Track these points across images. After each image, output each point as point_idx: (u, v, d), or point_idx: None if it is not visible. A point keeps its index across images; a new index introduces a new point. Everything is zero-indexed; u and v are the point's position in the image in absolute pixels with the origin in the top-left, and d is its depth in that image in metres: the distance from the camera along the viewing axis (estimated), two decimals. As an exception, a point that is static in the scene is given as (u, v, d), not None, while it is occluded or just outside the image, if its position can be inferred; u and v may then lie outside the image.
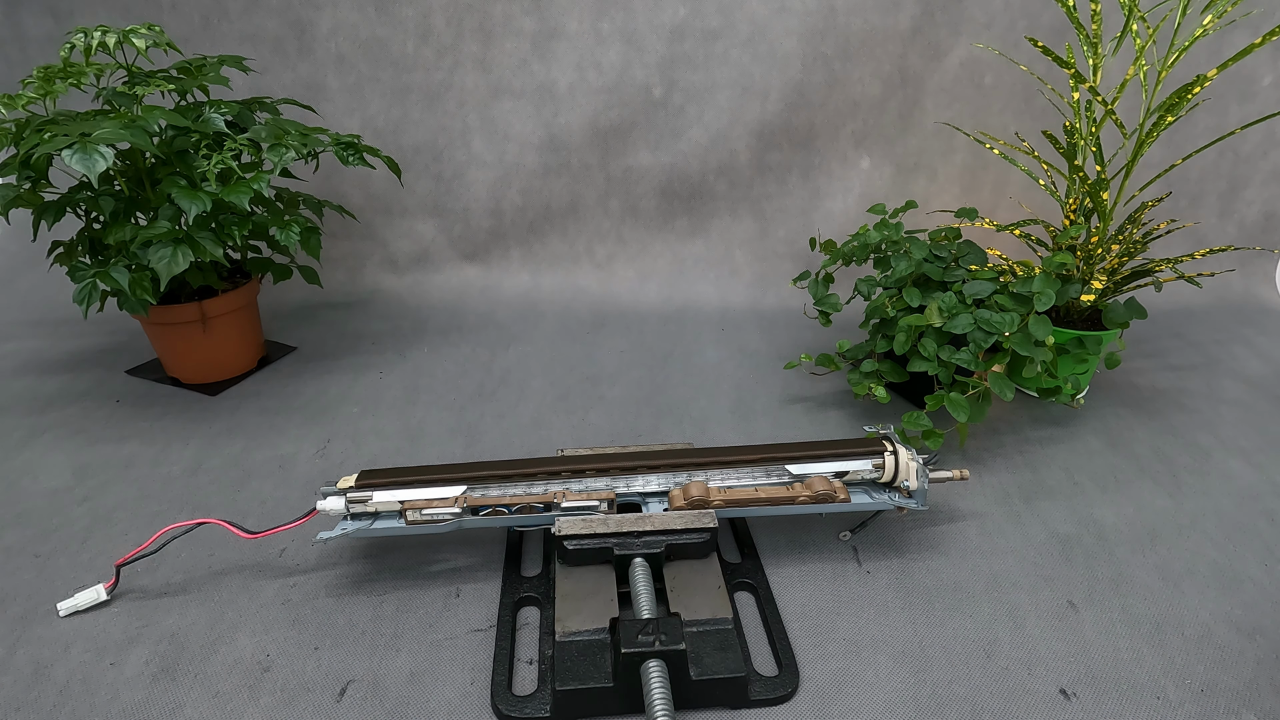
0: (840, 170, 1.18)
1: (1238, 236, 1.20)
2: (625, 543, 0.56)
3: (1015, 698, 0.50)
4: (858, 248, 0.84)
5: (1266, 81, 1.10)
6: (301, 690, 0.51)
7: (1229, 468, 0.76)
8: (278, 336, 1.05)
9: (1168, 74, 0.77)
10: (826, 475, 0.61)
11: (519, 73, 1.13)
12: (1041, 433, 0.82)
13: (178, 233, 0.75)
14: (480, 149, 1.18)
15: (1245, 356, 1.00)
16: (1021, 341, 0.70)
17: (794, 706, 0.50)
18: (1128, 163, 0.81)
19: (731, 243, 1.21)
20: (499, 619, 0.56)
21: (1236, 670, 0.53)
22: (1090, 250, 0.83)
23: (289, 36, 1.11)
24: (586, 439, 0.81)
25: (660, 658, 0.47)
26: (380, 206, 1.21)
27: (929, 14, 1.06)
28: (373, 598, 0.59)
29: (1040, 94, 1.08)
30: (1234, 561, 0.63)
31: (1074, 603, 0.58)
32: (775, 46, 1.09)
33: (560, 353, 1.02)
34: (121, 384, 0.92)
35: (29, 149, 0.67)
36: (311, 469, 0.75)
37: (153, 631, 0.55)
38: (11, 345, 1.03)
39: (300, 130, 0.81)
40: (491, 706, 0.50)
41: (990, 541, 0.65)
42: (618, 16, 1.09)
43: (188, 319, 0.86)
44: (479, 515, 0.58)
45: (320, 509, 0.57)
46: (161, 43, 0.81)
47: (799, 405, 0.88)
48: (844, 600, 0.59)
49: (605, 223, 1.22)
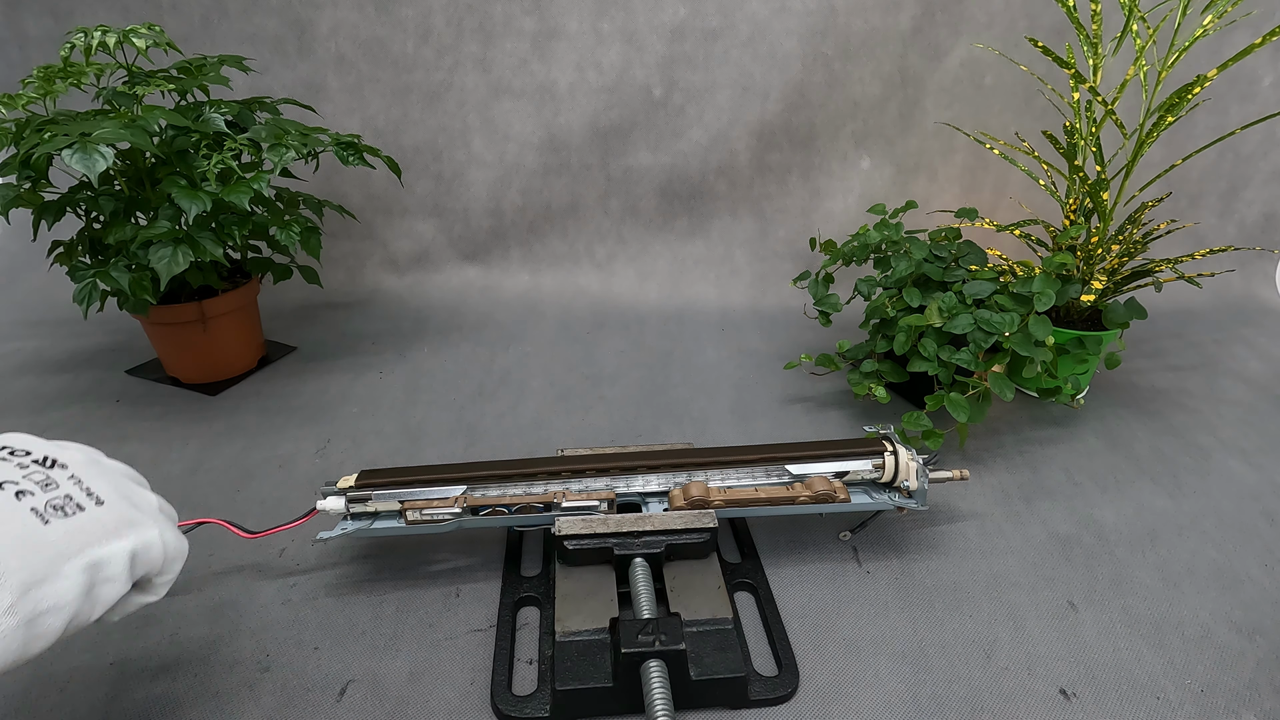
0: (840, 170, 1.18)
1: (1238, 237, 1.20)
2: (625, 543, 0.56)
3: (1015, 698, 0.50)
4: (858, 248, 0.84)
5: (1266, 81, 1.10)
6: (301, 690, 0.51)
7: (1229, 468, 0.76)
8: (278, 336, 1.05)
9: (1168, 74, 0.77)
10: (826, 475, 0.61)
11: (519, 73, 1.13)
12: (1041, 433, 0.82)
13: (178, 233, 0.75)
14: (480, 149, 1.18)
15: (1245, 356, 1.00)
16: (1021, 342, 0.70)
17: (794, 706, 0.50)
18: (1128, 163, 0.81)
19: (731, 243, 1.21)
20: (499, 619, 0.56)
21: (1236, 670, 0.53)
22: (1090, 250, 0.83)
23: (289, 36, 1.11)
24: (586, 439, 0.81)
25: (660, 658, 0.47)
26: (380, 206, 1.21)
27: (929, 14, 1.06)
28: (373, 598, 0.59)
29: (1040, 94, 1.08)
30: (1234, 561, 0.63)
31: (1074, 603, 0.58)
32: (775, 46, 1.09)
33: (560, 353, 1.02)
34: (121, 384, 0.92)
35: (29, 149, 0.67)
36: (311, 469, 0.75)
37: (153, 631, 0.55)
38: (11, 345, 1.03)
39: (300, 130, 0.81)
40: (491, 706, 0.50)
41: (990, 541, 0.65)
42: (618, 16, 1.09)
43: (188, 319, 0.86)
44: (479, 515, 0.58)
45: (320, 509, 0.57)
46: (161, 43, 0.81)
47: (799, 405, 0.88)
48: (844, 600, 0.59)
49: (605, 223, 1.22)
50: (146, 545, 0.37)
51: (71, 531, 0.33)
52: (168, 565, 0.39)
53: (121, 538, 0.35)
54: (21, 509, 0.32)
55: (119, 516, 0.36)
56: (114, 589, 0.35)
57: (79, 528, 0.34)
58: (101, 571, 0.34)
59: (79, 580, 0.33)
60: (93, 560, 0.34)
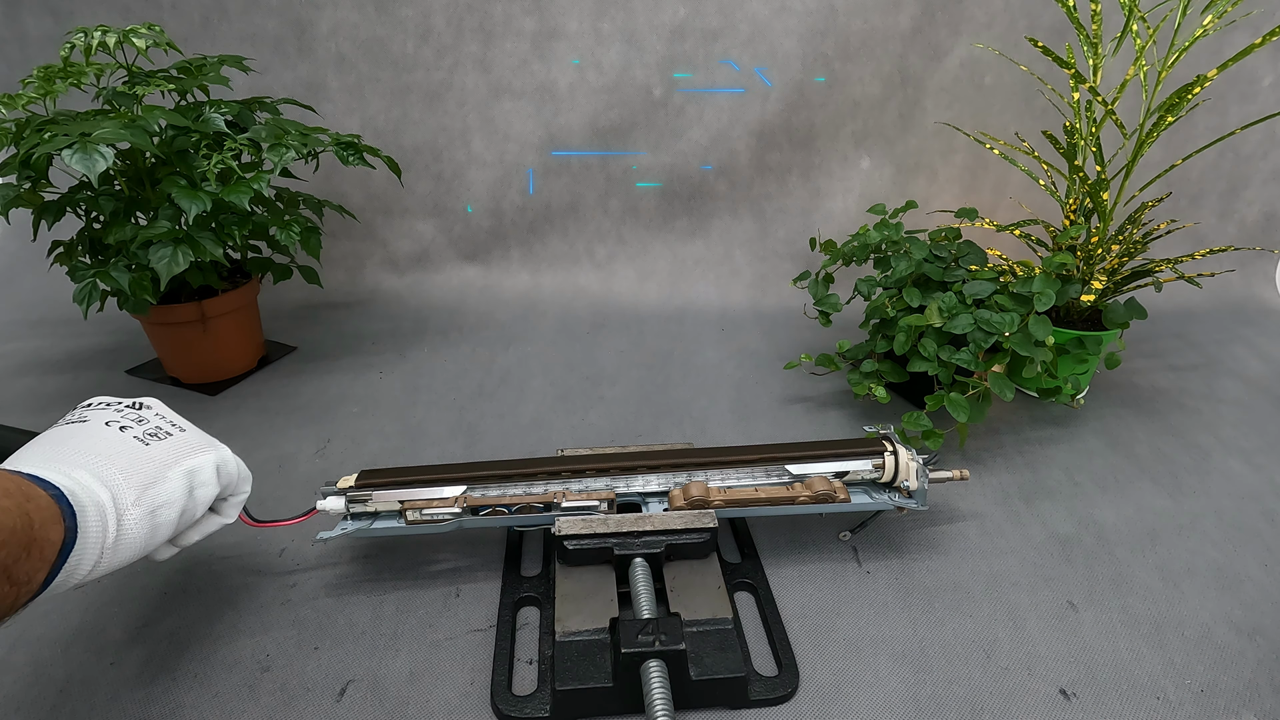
0: (840, 170, 1.18)
1: (1238, 236, 1.20)
2: (625, 543, 0.56)
3: (1015, 698, 0.50)
4: (858, 248, 0.84)
5: (1266, 81, 1.10)
6: (301, 690, 0.51)
7: (1229, 468, 0.76)
8: (278, 336, 1.05)
9: (1168, 74, 0.77)
10: (826, 475, 0.61)
11: (519, 73, 1.13)
12: (1041, 433, 0.82)
13: (178, 233, 0.75)
14: (480, 149, 1.18)
15: (1245, 356, 1.00)
16: (1021, 341, 0.70)
17: (794, 706, 0.50)
18: (1128, 163, 0.81)
19: (731, 243, 1.21)
20: (499, 619, 0.56)
21: (1236, 670, 0.53)
22: (1090, 250, 0.83)
23: (289, 36, 1.11)
24: (586, 439, 0.81)
25: (660, 658, 0.47)
26: (380, 206, 1.21)
27: (929, 14, 1.06)
28: (373, 598, 0.59)
29: (1040, 94, 1.08)
30: (1234, 561, 0.63)
31: (1074, 603, 0.58)
32: (775, 46, 1.09)
33: (560, 353, 1.02)
34: (121, 384, 0.92)
35: (29, 149, 0.67)
36: (311, 469, 0.75)
37: (153, 631, 0.55)
38: (11, 345, 1.03)
39: (300, 130, 0.81)
40: (491, 706, 0.50)
41: (990, 541, 0.65)
42: (618, 16, 1.09)
43: (188, 319, 0.86)
44: (479, 515, 0.58)
45: (320, 508, 0.57)
46: (161, 43, 0.81)
47: (799, 405, 0.88)
48: (844, 600, 0.59)
49: (605, 223, 1.22)
50: (224, 460, 0.46)
51: (168, 449, 0.43)
52: (239, 484, 0.49)
53: (205, 452, 0.45)
54: (126, 437, 0.42)
55: (200, 439, 0.46)
56: (208, 491, 0.45)
57: (173, 446, 0.43)
58: (197, 476, 0.44)
59: (182, 483, 0.42)
60: (189, 467, 0.43)
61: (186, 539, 0.47)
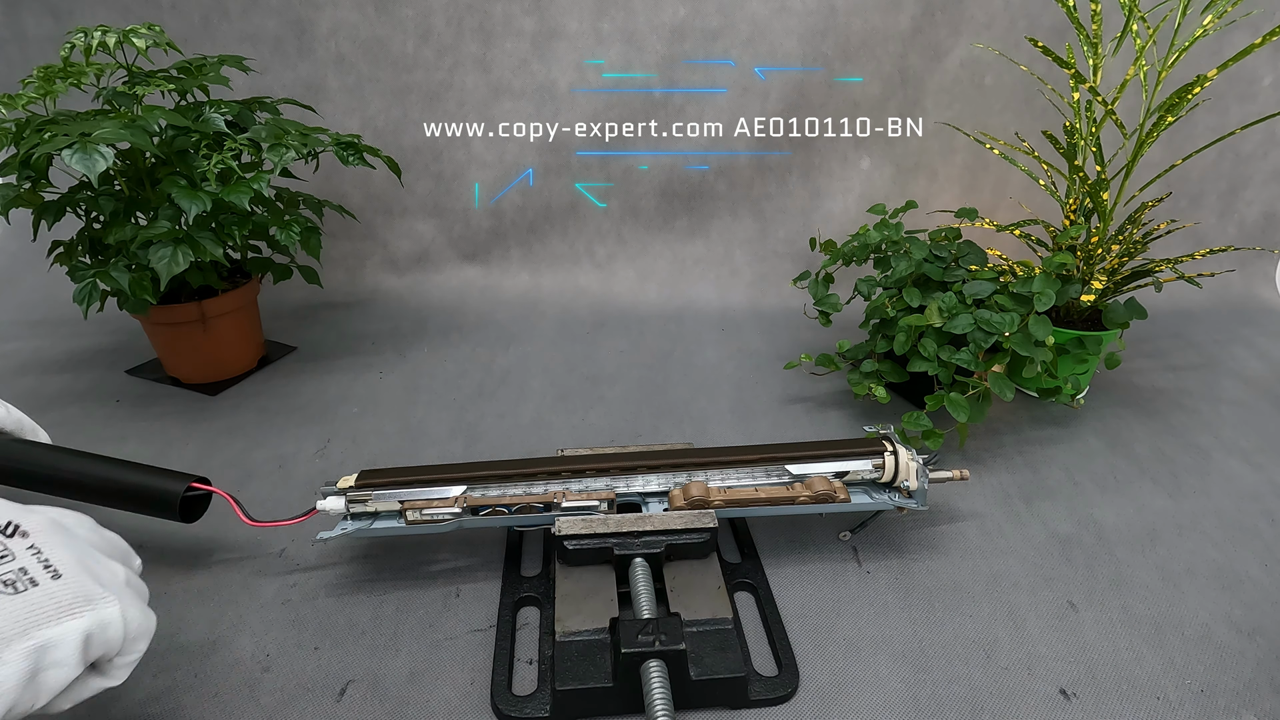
0: (840, 170, 1.18)
1: (1238, 236, 1.20)
2: (625, 543, 0.56)
3: (1015, 698, 0.50)
4: (858, 248, 0.84)
5: (1266, 81, 1.10)
6: (301, 690, 0.51)
7: (1229, 468, 0.76)
8: (278, 336, 1.05)
9: (1168, 74, 0.77)
10: (826, 475, 0.61)
11: (519, 73, 1.13)
12: (1041, 433, 0.82)
13: (178, 233, 0.75)
14: (480, 149, 1.18)
15: (1245, 356, 1.00)
16: (1021, 341, 0.70)
17: (794, 706, 0.50)
18: (1128, 163, 0.81)
19: (731, 243, 1.21)
20: (499, 619, 0.56)
21: (1236, 670, 0.53)
22: (1090, 250, 0.83)
23: (289, 36, 1.11)
24: (586, 439, 0.81)
25: (660, 658, 0.47)
26: (380, 206, 1.21)
27: (929, 14, 1.06)
28: (373, 598, 0.59)
29: (1040, 94, 1.07)
30: (1234, 561, 0.63)
31: (1074, 603, 0.58)
32: (775, 46, 1.09)
33: (560, 353, 1.02)
34: (121, 384, 0.92)
35: (29, 149, 0.67)
36: (311, 469, 0.75)
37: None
38: (11, 345, 1.03)
39: (300, 130, 0.81)
40: (491, 706, 0.50)
41: (990, 541, 0.65)
42: (618, 16, 1.09)
43: (188, 319, 0.86)
44: (479, 515, 0.58)
45: (320, 508, 0.57)
46: (161, 43, 0.81)
47: (799, 405, 0.88)
48: (844, 600, 0.59)
49: (605, 223, 1.22)
50: (104, 624, 0.34)
51: (18, 610, 0.31)
52: (129, 645, 0.37)
53: (76, 616, 0.33)
54: None
55: (76, 592, 0.33)
56: (61, 674, 0.33)
57: (28, 605, 0.32)
58: (48, 655, 0.32)
59: (20, 666, 0.31)
60: (39, 643, 0.31)
61: (52, 706, 0.34)
